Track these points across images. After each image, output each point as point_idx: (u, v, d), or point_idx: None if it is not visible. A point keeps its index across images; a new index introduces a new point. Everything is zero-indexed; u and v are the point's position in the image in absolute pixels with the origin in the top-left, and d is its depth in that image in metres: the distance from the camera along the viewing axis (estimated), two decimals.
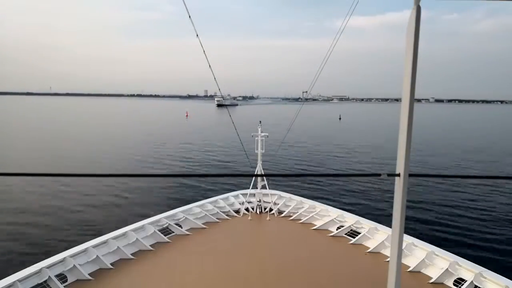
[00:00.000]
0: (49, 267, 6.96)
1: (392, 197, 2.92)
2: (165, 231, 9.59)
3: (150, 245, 8.76)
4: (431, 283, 7.25)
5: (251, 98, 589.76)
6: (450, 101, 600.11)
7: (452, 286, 7.11)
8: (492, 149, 44.93)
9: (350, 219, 10.25)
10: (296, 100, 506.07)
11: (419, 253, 8.14)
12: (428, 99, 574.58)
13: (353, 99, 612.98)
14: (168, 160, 34.39)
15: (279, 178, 24.03)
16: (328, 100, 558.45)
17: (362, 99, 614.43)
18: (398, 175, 2.80)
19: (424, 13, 2.64)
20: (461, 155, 40.13)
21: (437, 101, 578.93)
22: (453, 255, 7.85)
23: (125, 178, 25.00)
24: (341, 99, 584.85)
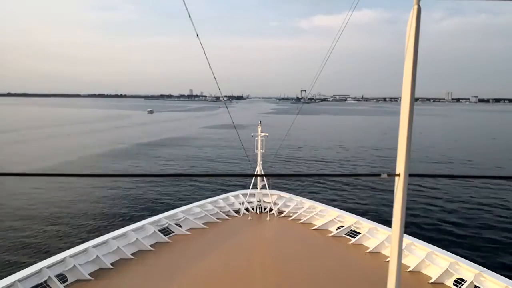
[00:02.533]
0: (49, 267, 6.95)
1: (392, 197, 2.92)
2: (165, 231, 9.58)
3: (150, 245, 8.75)
4: (431, 283, 7.24)
5: (239, 98, 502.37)
6: (498, 100, 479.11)
7: (452, 286, 7.10)
8: None
9: (350, 219, 10.23)
10: (299, 100, 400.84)
11: (419, 253, 8.13)
12: (468, 99, 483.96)
13: (372, 99, 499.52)
14: None
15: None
16: (340, 100, 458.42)
17: (385, 99, 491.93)
18: (398, 175, 2.80)
19: (386, 14, 2.51)
20: None
21: (481, 100, 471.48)
22: (453, 255, 7.84)
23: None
24: (358, 99, 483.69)
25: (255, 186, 11.93)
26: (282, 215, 11.30)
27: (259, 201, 11.76)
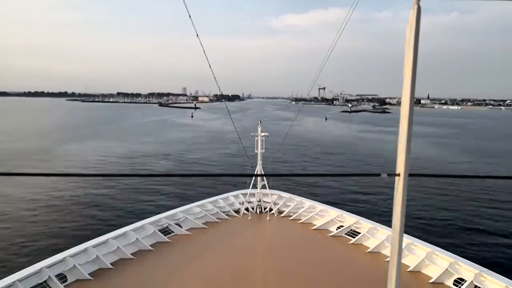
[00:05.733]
0: (49, 267, 6.94)
1: (392, 197, 2.92)
2: (165, 231, 9.57)
3: (150, 245, 8.74)
4: (431, 283, 7.23)
5: (235, 98, 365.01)
6: None
7: (452, 286, 7.10)
8: None
9: (350, 219, 10.22)
10: (331, 103, 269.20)
11: (419, 253, 8.12)
12: None
13: (453, 101, 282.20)
14: None
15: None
16: (425, 104, 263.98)
17: (490, 102, 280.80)
18: (398, 175, 2.79)
19: (355, 14, 2.40)
20: None
21: None
22: (453, 255, 7.84)
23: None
24: (457, 103, 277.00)
25: (255, 186, 11.92)
26: (282, 215, 11.29)
27: (259, 201, 11.75)
